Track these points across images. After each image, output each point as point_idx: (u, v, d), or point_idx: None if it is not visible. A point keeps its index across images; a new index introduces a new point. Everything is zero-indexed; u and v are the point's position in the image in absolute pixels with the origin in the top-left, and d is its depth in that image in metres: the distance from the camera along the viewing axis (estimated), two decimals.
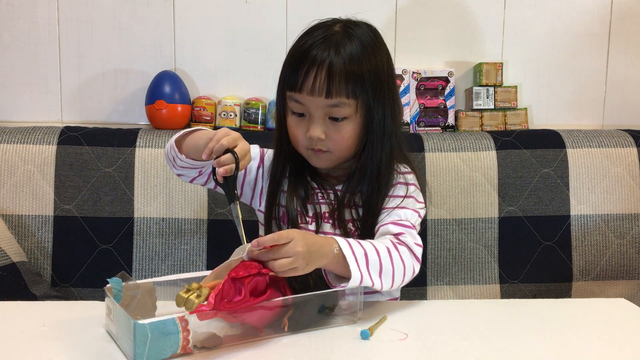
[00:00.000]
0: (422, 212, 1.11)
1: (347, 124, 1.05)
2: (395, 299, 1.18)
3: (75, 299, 1.42)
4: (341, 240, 0.94)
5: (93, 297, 1.42)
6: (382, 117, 1.06)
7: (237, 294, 0.81)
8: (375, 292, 1.01)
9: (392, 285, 0.97)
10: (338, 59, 1.01)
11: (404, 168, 1.15)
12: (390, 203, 1.09)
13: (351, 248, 0.93)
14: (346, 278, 0.93)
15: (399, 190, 1.11)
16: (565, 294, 1.50)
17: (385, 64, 1.08)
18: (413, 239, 1.03)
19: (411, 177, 1.14)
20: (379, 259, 0.95)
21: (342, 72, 1.01)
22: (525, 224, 1.49)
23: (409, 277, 1.01)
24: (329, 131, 1.05)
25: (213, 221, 1.45)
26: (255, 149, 1.19)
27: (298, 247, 0.86)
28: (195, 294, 0.80)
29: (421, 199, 1.13)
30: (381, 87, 1.06)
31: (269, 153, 1.20)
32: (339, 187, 1.12)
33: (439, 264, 1.47)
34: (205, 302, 0.79)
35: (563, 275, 1.49)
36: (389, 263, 0.96)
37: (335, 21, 1.08)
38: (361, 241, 0.97)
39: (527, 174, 1.49)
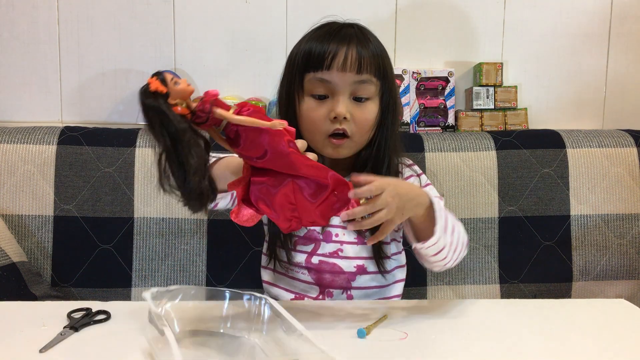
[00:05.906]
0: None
1: (370, 105, 1.07)
2: (398, 295, 1.18)
3: (75, 299, 1.42)
4: (433, 197, 0.95)
5: (93, 297, 1.42)
6: (394, 105, 1.10)
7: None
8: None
9: (456, 254, 1.01)
10: (363, 40, 1.06)
11: (407, 161, 1.18)
12: None
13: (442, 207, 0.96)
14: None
15: (414, 182, 1.14)
16: (565, 294, 1.50)
17: (389, 58, 1.14)
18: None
19: (417, 168, 1.18)
20: (453, 225, 0.98)
21: (370, 52, 1.05)
22: (525, 224, 1.48)
23: (464, 246, 1.03)
24: (353, 111, 1.05)
25: (213, 221, 1.45)
26: None
27: (389, 198, 0.84)
28: None
29: None
30: (392, 77, 1.11)
31: None
32: None
33: None
34: None
35: (563, 275, 1.49)
36: (458, 233, 1.00)
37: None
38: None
39: (527, 174, 1.49)
